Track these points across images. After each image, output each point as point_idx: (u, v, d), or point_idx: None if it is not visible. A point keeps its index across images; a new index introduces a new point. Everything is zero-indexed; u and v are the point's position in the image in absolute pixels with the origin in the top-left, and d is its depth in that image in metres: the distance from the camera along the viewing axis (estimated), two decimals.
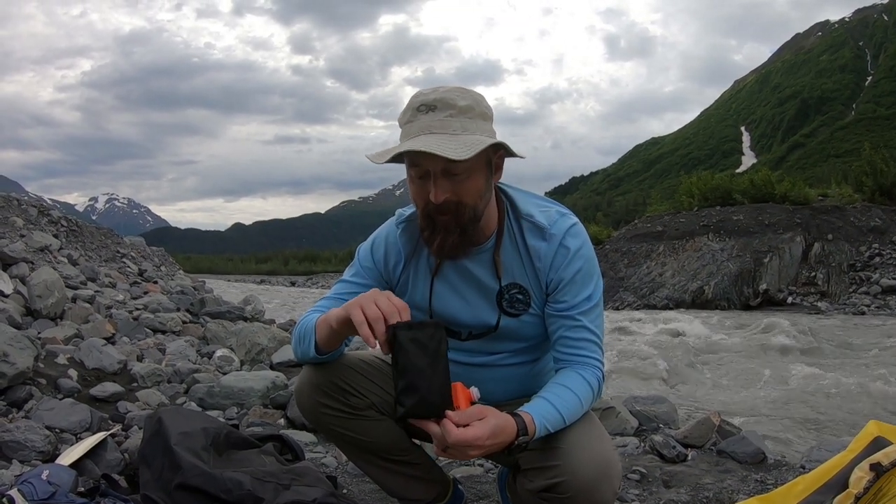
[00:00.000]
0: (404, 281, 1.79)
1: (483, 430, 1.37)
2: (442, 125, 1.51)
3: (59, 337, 4.37)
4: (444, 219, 1.57)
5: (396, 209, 1.83)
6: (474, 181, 1.56)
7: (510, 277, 1.69)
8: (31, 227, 9.41)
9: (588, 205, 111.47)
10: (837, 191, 26.16)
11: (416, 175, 1.57)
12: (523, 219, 1.69)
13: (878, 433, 1.70)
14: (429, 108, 1.52)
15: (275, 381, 3.79)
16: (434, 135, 1.49)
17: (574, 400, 1.55)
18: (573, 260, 1.64)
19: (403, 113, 1.57)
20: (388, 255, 1.78)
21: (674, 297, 21.11)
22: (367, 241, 1.84)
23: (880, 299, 18.62)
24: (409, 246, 1.77)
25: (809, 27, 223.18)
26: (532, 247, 1.67)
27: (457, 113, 1.52)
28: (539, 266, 1.66)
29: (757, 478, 2.79)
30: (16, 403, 2.97)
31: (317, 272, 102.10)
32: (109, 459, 2.34)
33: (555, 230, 1.65)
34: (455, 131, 1.50)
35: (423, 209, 1.59)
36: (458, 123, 1.52)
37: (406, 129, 1.55)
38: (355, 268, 1.82)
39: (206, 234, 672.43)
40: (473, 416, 1.38)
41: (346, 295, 1.75)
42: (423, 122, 1.52)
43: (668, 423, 3.77)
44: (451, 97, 1.53)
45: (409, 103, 1.57)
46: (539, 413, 1.49)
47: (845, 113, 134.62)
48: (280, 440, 2.41)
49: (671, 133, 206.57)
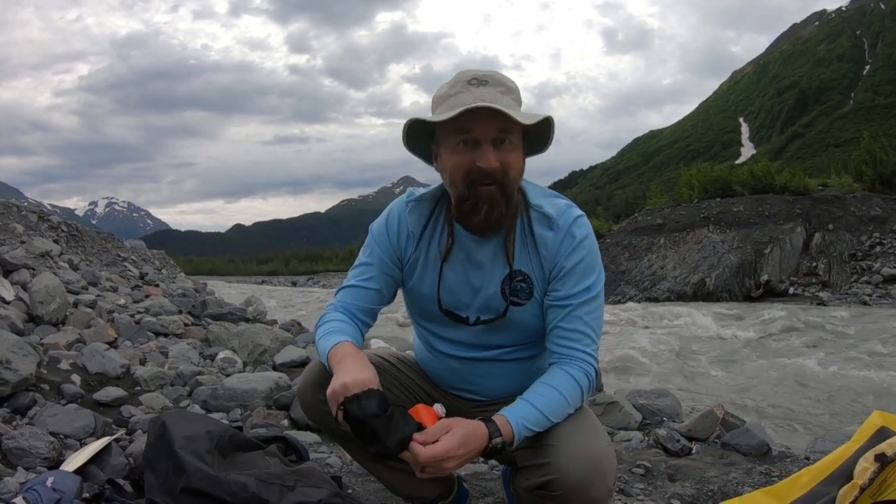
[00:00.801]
0: (413, 261, 1.78)
1: (451, 442, 1.39)
2: (495, 99, 1.53)
3: (61, 342, 4.37)
4: (489, 189, 1.57)
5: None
6: (518, 156, 1.61)
7: (517, 265, 1.70)
8: (32, 232, 9.41)
9: (588, 199, 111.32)
10: (837, 180, 26.07)
11: (462, 143, 1.57)
12: (533, 208, 1.69)
13: (882, 423, 1.70)
14: (480, 81, 1.56)
15: (278, 381, 3.79)
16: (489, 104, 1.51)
17: (558, 398, 1.54)
18: (577, 249, 1.65)
19: (451, 86, 1.59)
20: (401, 231, 1.78)
21: (675, 289, 21.08)
22: (381, 218, 1.84)
23: (882, 288, 18.58)
24: (418, 226, 1.77)
25: (807, 17, 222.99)
26: (539, 235, 1.67)
27: (506, 91, 1.57)
28: (545, 254, 1.67)
29: (762, 470, 2.79)
30: (19, 410, 2.96)
31: (318, 272, 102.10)
32: (114, 464, 2.34)
33: (562, 221, 1.66)
34: (507, 106, 1.52)
35: (465, 178, 1.59)
36: (508, 100, 1.55)
37: (453, 101, 1.55)
38: (369, 248, 1.81)
39: (206, 236, 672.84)
40: (440, 431, 1.41)
41: (364, 280, 1.79)
42: (475, 93, 1.54)
43: (672, 417, 3.78)
44: (500, 76, 1.58)
45: (456, 78, 1.60)
46: (516, 414, 1.49)
47: (844, 102, 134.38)
48: (284, 441, 2.41)
49: (670, 126, 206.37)
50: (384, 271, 1.78)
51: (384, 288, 1.80)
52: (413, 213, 1.77)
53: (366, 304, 1.79)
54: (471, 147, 1.55)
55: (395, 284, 1.83)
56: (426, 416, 1.46)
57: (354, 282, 1.80)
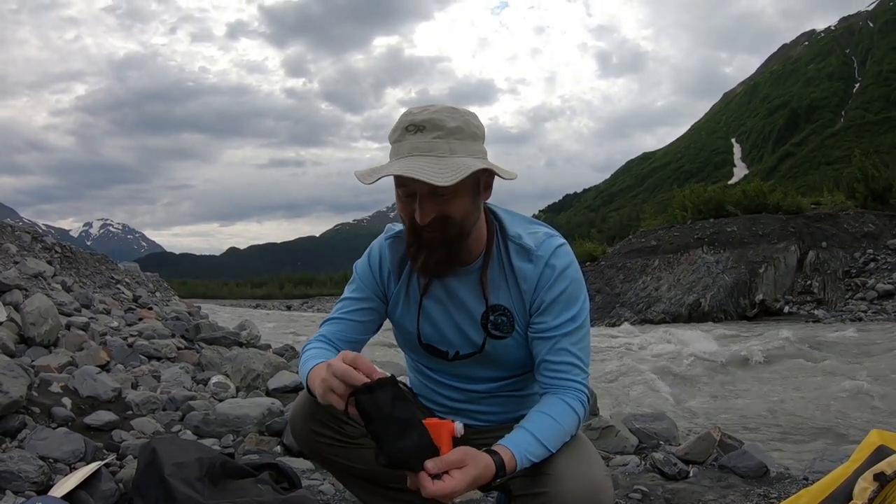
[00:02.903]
0: (395, 296, 1.79)
1: (461, 482, 1.33)
2: (429, 146, 1.50)
3: (52, 365, 4.33)
4: (430, 236, 1.57)
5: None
6: (461, 201, 1.56)
7: (495, 299, 1.68)
8: (25, 253, 9.35)
9: (582, 221, 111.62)
10: (830, 198, 26.20)
11: (402, 194, 1.57)
12: (511, 240, 1.68)
13: (880, 442, 1.69)
14: (417, 128, 1.51)
15: (270, 407, 3.76)
16: (421, 156, 1.49)
17: (556, 428, 1.53)
18: (557, 280, 1.63)
19: (393, 131, 1.57)
20: (383, 268, 1.79)
21: (670, 310, 21.07)
22: (364, 256, 1.84)
23: (877, 304, 18.60)
24: (395, 262, 1.78)
25: (796, 37, 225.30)
26: (518, 268, 1.66)
27: (445, 134, 1.51)
28: (525, 288, 1.65)
29: (760, 492, 2.76)
30: (9, 433, 2.93)
31: (312, 295, 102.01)
32: (104, 490, 2.30)
33: (541, 252, 1.64)
34: (442, 153, 1.49)
35: (409, 226, 1.60)
36: (445, 145, 1.50)
37: (395, 148, 1.55)
38: (355, 283, 1.82)
39: (201, 259, 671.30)
40: (453, 463, 1.34)
41: (349, 313, 1.78)
42: (412, 142, 1.51)
43: (669, 440, 3.75)
44: (439, 118, 1.51)
45: (398, 121, 1.57)
46: (519, 446, 1.46)
47: (835, 120, 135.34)
48: (276, 468, 2.38)
49: (663, 147, 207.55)
50: (369, 305, 1.79)
51: (369, 321, 1.80)
52: (392, 249, 1.78)
53: (350, 336, 1.78)
54: (412, 197, 1.55)
55: (379, 318, 1.83)
56: (444, 435, 1.36)
57: (338, 315, 1.80)
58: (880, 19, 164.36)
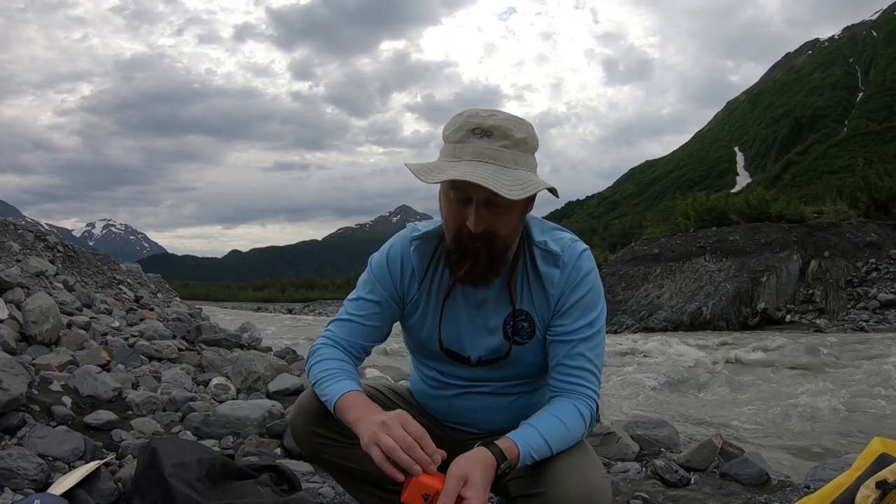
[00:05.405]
0: (416, 300, 1.74)
1: (477, 497, 1.33)
2: (495, 155, 1.46)
3: (53, 363, 4.34)
4: (476, 246, 1.53)
5: (392, 236, 1.80)
6: (513, 216, 1.54)
7: (519, 304, 1.67)
8: (28, 252, 9.37)
9: (584, 229, 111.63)
10: (832, 207, 26.19)
11: (455, 198, 1.52)
12: (536, 246, 1.66)
13: (882, 450, 1.68)
14: (484, 132, 1.47)
15: (271, 409, 3.75)
16: (487, 164, 1.45)
17: (562, 429, 1.51)
18: (581, 284, 1.62)
19: (455, 130, 1.51)
20: (405, 269, 1.73)
21: (672, 318, 21.05)
22: (381, 252, 1.78)
23: (879, 314, 18.57)
24: (422, 264, 1.72)
25: (800, 46, 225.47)
26: (544, 274, 1.64)
27: (511, 145, 1.48)
28: (552, 293, 1.64)
29: (761, 500, 2.75)
30: (8, 430, 2.93)
31: (314, 299, 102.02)
32: (103, 489, 2.30)
33: (567, 257, 1.63)
34: (508, 164, 1.46)
35: (455, 233, 1.56)
36: (510, 156, 1.47)
37: (454, 149, 1.50)
38: (370, 284, 1.75)
39: (203, 261, 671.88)
40: (456, 487, 1.33)
41: (361, 316, 1.73)
42: (477, 146, 1.47)
43: (670, 447, 3.74)
44: (507, 126, 1.47)
45: (462, 122, 1.50)
46: (524, 440, 1.46)
47: (838, 129, 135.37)
48: (276, 470, 2.38)
49: (666, 155, 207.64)
50: (384, 309, 1.73)
51: (382, 325, 1.75)
52: (417, 250, 1.72)
53: (361, 341, 1.74)
54: (465, 203, 1.51)
55: (390, 325, 1.78)
56: (434, 481, 1.36)
57: (351, 316, 1.74)
58: (884, 29, 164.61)
